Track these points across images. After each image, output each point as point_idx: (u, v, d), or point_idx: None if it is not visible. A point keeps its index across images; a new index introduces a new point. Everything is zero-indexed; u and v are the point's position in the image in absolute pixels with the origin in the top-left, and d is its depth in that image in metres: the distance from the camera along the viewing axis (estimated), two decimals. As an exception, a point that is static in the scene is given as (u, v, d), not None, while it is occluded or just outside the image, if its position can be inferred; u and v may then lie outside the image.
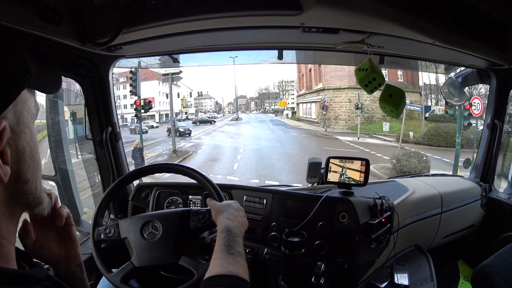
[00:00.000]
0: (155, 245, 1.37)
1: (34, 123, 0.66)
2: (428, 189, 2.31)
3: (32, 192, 0.66)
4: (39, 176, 0.68)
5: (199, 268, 1.30)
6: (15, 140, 0.60)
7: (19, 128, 0.61)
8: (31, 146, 0.64)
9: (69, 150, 2.25)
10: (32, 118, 0.66)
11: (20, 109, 0.61)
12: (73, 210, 2.08)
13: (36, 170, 0.66)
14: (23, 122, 0.62)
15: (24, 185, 0.64)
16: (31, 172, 0.64)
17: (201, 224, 1.41)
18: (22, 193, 0.64)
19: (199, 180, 1.50)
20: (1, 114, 0.56)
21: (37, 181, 0.68)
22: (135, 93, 12.46)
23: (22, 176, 0.62)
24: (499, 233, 2.35)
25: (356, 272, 1.78)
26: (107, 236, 1.44)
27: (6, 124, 0.56)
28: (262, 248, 1.88)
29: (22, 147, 0.61)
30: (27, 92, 0.64)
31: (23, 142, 0.62)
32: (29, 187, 0.65)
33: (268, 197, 1.94)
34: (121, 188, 1.79)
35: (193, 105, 73.38)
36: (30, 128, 0.64)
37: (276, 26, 1.44)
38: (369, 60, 1.62)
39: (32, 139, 0.65)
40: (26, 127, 0.63)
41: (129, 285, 1.35)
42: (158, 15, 1.33)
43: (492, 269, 1.61)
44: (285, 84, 70.04)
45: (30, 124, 0.64)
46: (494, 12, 1.60)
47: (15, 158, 0.60)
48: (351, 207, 1.74)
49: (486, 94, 2.56)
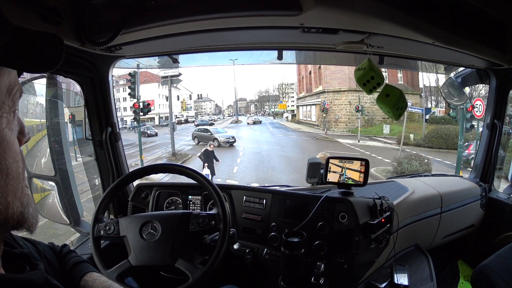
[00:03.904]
0: (153, 246, 1.37)
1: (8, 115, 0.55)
2: (427, 189, 2.31)
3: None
4: (10, 189, 0.54)
5: (195, 272, 1.30)
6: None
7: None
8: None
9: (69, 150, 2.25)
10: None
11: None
12: (73, 210, 2.08)
13: (3, 181, 0.53)
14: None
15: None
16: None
17: (201, 228, 1.42)
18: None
19: (199, 180, 1.51)
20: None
21: (8, 196, 0.54)
22: (133, 95, 12.48)
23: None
24: (499, 233, 2.35)
25: (356, 272, 1.78)
26: (107, 233, 1.44)
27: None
28: (262, 248, 1.88)
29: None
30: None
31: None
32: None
33: (268, 198, 1.94)
34: (123, 186, 1.80)
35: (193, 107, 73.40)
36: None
37: (276, 26, 1.45)
38: (368, 60, 1.63)
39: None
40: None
41: (125, 283, 1.36)
42: (157, 16, 1.33)
43: (492, 269, 1.61)
44: (285, 87, 70.14)
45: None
46: (494, 12, 1.60)
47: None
48: (350, 207, 1.74)
49: (486, 95, 2.56)
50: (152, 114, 43.27)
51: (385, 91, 1.66)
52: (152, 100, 36.20)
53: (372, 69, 1.61)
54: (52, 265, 0.91)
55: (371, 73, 1.61)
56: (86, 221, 2.10)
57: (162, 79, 21.57)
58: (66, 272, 0.96)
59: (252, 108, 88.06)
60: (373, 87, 1.65)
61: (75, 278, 0.96)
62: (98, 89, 1.92)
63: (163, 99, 49.87)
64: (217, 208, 1.44)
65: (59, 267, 0.95)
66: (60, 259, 0.99)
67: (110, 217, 2.08)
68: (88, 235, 1.70)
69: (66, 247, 1.07)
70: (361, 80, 1.65)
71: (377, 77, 1.62)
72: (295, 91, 58.34)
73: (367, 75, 1.62)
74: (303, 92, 44.59)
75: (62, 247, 1.05)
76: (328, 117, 31.09)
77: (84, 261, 1.02)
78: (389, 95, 1.65)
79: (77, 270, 0.98)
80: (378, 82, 1.63)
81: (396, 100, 1.66)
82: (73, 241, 2.35)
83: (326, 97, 32.05)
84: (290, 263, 1.58)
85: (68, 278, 0.95)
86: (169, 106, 23.68)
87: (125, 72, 25.62)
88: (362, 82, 1.66)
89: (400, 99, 1.67)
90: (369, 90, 1.68)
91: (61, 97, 2.19)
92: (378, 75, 1.62)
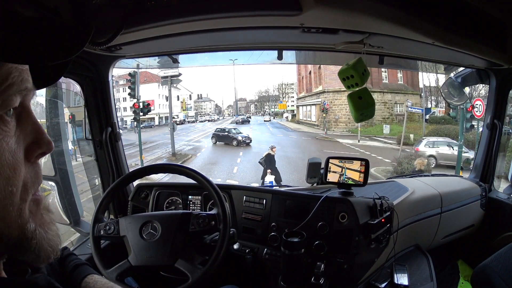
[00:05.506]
0: (153, 246, 1.38)
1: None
2: (427, 189, 2.31)
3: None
4: (14, 201, 0.48)
5: (195, 272, 1.30)
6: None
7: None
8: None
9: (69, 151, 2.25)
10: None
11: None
12: (73, 210, 2.08)
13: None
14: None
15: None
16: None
17: (201, 228, 1.42)
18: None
19: (199, 180, 1.51)
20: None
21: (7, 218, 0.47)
22: (133, 95, 12.48)
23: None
24: (499, 233, 2.35)
25: (356, 272, 1.78)
26: (107, 232, 1.44)
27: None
28: (261, 248, 1.88)
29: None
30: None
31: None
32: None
33: (268, 198, 1.94)
34: (123, 186, 1.80)
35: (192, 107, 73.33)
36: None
37: (276, 26, 1.45)
38: (359, 59, 1.62)
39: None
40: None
41: (124, 283, 1.36)
42: (157, 16, 1.33)
43: (492, 269, 1.61)
44: (285, 87, 70.08)
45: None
46: (494, 12, 1.60)
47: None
48: (350, 207, 1.74)
49: (486, 95, 2.56)
50: (152, 114, 43.16)
51: (360, 93, 1.66)
52: (152, 100, 36.21)
53: (354, 68, 1.60)
54: (53, 267, 0.90)
55: (351, 71, 1.61)
56: (86, 221, 2.10)
57: (162, 79, 21.57)
58: (67, 274, 0.96)
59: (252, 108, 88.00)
60: (351, 84, 1.65)
61: (75, 280, 0.95)
62: (98, 89, 1.92)
63: (163, 99, 49.81)
64: (217, 208, 1.44)
65: (60, 270, 0.94)
66: (61, 261, 0.98)
67: (110, 217, 2.08)
68: (88, 235, 1.70)
69: (67, 250, 1.06)
70: (341, 74, 1.65)
71: (356, 77, 1.61)
72: (295, 91, 58.23)
73: (347, 72, 1.62)
74: (303, 92, 44.55)
75: (63, 250, 1.05)
76: (328, 117, 31.06)
77: (85, 264, 1.02)
78: (361, 98, 1.65)
79: (78, 272, 0.97)
80: (357, 82, 1.63)
81: (365, 107, 1.66)
82: (73, 241, 2.35)
83: (326, 97, 32.03)
84: (290, 263, 1.58)
85: (68, 281, 0.94)
86: (169, 106, 23.73)
87: (125, 72, 25.57)
88: (341, 76, 1.66)
89: (368, 109, 1.68)
90: (347, 86, 1.68)
91: (61, 97, 2.20)
92: (358, 76, 1.61)
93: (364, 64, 1.62)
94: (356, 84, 1.64)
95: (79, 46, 0.52)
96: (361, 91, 1.66)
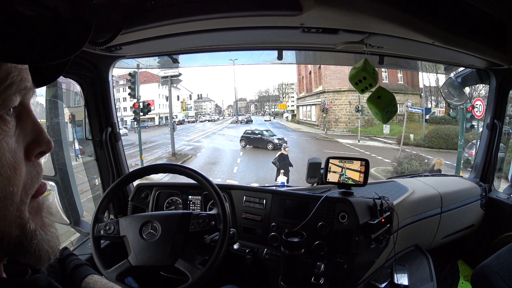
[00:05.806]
0: (153, 246, 1.37)
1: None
2: (427, 189, 2.31)
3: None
4: (14, 201, 0.48)
5: (194, 272, 1.30)
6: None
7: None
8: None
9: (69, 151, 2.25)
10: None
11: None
12: (73, 210, 2.08)
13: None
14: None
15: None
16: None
17: (201, 228, 1.41)
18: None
19: (199, 180, 1.50)
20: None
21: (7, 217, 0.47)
22: (133, 95, 12.50)
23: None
24: (499, 233, 2.35)
25: (356, 272, 1.78)
26: (107, 232, 1.44)
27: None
28: (261, 248, 1.88)
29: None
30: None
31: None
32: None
33: (268, 198, 1.94)
34: (123, 186, 1.80)
35: (193, 107, 73.34)
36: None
37: (276, 26, 1.45)
38: (365, 60, 1.63)
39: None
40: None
41: (124, 283, 1.36)
42: (158, 16, 1.33)
43: (492, 269, 1.61)
44: (285, 87, 70.04)
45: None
46: (494, 12, 1.60)
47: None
48: (350, 207, 1.74)
49: (486, 95, 2.56)
50: (152, 114, 43.21)
51: (377, 93, 1.66)
52: (152, 100, 36.16)
53: (365, 70, 1.61)
54: (53, 268, 0.90)
55: (363, 73, 1.61)
56: (86, 221, 2.10)
57: (162, 79, 21.55)
58: (67, 275, 0.96)
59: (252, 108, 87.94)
60: (365, 87, 1.65)
61: (75, 280, 0.95)
62: (98, 89, 1.92)
63: (163, 99, 49.79)
64: (217, 208, 1.44)
65: (60, 270, 0.94)
66: (61, 262, 0.98)
67: (110, 217, 2.08)
68: (88, 235, 1.70)
69: (67, 250, 1.06)
70: (353, 79, 1.66)
71: (369, 78, 1.62)
72: (295, 91, 58.24)
73: (359, 75, 1.62)
74: (303, 92, 44.53)
75: (63, 250, 1.05)
76: (328, 117, 31.05)
77: (85, 264, 1.02)
78: (380, 97, 1.65)
79: (78, 273, 0.97)
80: (370, 83, 1.63)
81: (387, 103, 1.66)
82: (73, 241, 2.35)
83: (326, 97, 32.03)
84: (290, 263, 1.58)
85: (68, 281, 0.95)
86: (169, 106, 23.69)
87: (125, 72, 25.60)
88: (354, 81, 1.66)
89: (391, 104, 1.68)
90: (361, 90, 1.68)
91: (61, 97, 2.20)
92: (370, 76, 1.61)
93: (371, 64, 1.63)
94: (370, 85, 1.64)
95: (79, 46, 0.52)
96: (377, 90, 1.66)
